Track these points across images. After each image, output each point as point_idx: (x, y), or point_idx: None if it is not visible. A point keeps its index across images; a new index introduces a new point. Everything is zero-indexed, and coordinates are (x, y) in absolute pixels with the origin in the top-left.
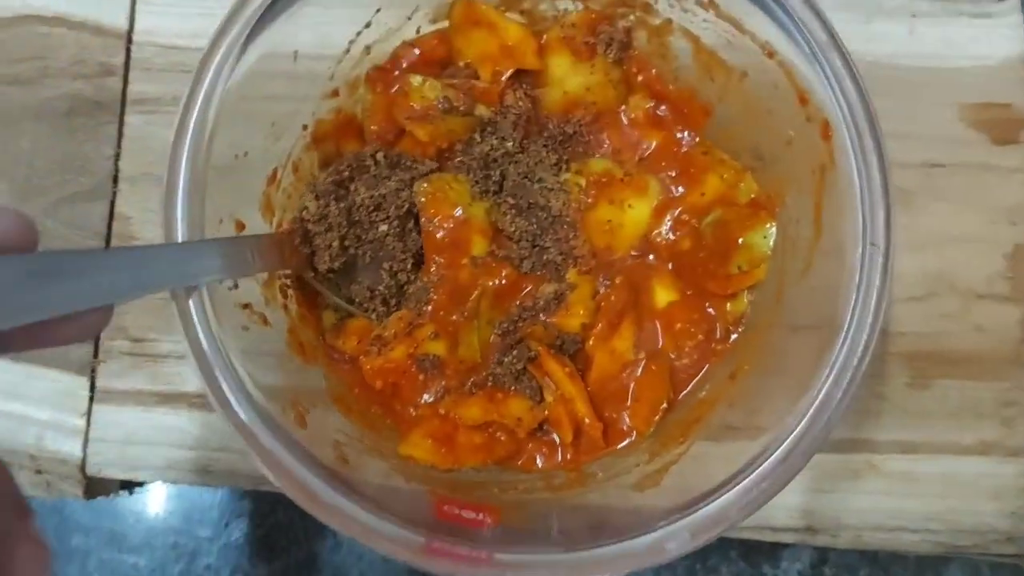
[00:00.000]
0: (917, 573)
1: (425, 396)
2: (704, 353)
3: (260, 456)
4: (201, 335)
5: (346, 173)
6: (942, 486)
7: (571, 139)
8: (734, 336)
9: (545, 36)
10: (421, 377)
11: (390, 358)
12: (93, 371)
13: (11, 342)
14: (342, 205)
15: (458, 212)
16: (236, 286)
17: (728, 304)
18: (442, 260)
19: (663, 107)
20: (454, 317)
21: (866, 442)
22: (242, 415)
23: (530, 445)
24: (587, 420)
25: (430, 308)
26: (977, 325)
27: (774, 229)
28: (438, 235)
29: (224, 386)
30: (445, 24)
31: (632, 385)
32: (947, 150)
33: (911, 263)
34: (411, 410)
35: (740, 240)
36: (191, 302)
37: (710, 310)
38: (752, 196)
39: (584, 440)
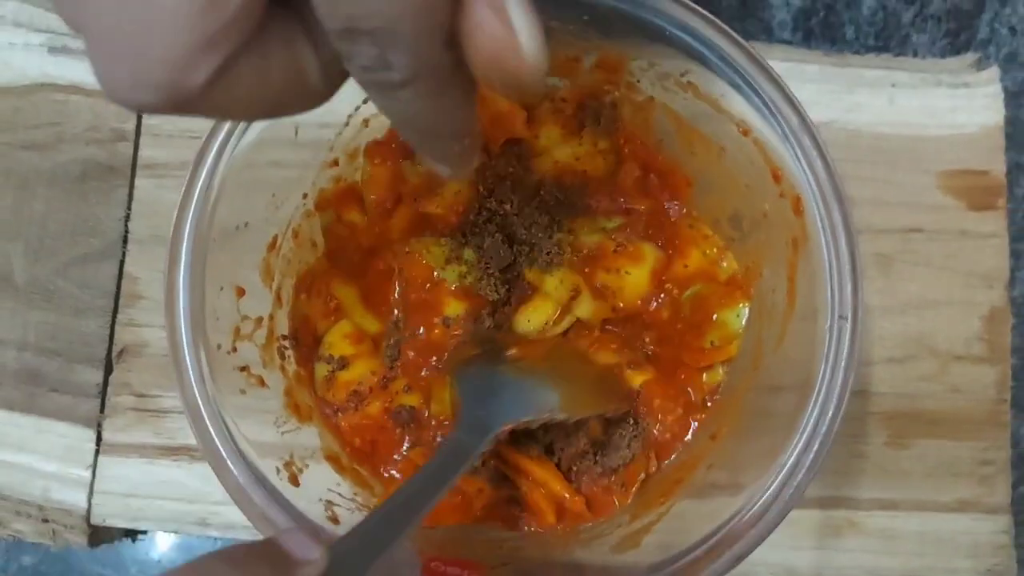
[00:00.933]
0: None
1: (401, 450)
2: (684, 424)
3: (251, 518)
4: (197, 396)
5: None
6: (920, 543)
7: (562, 204)
8: (714, 399)
9: (536, 109)
10: (398, 431)
11: (367, 414)
12: (99, 425)
13: None
14: None
15: (434, 274)
16: (235, 349)
17: (704, 375)
18: (416, 319)
19: (652, 176)
20: (424, 372)
21: (847, 499)
22: (236, 475)
23: (510, 507)
24: (567, 496)
25: (400, 363)
26: (954, 386)
27: (747, 309)
28: (411, 296)
29: (219, 446)
30: None
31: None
32: (926, 216)
33: (891, 326)
34: (389, 470)
35: (715, 316)
36: (188, 363)
37: (687, 386)
38: (731, 274)
39: (568, 514)
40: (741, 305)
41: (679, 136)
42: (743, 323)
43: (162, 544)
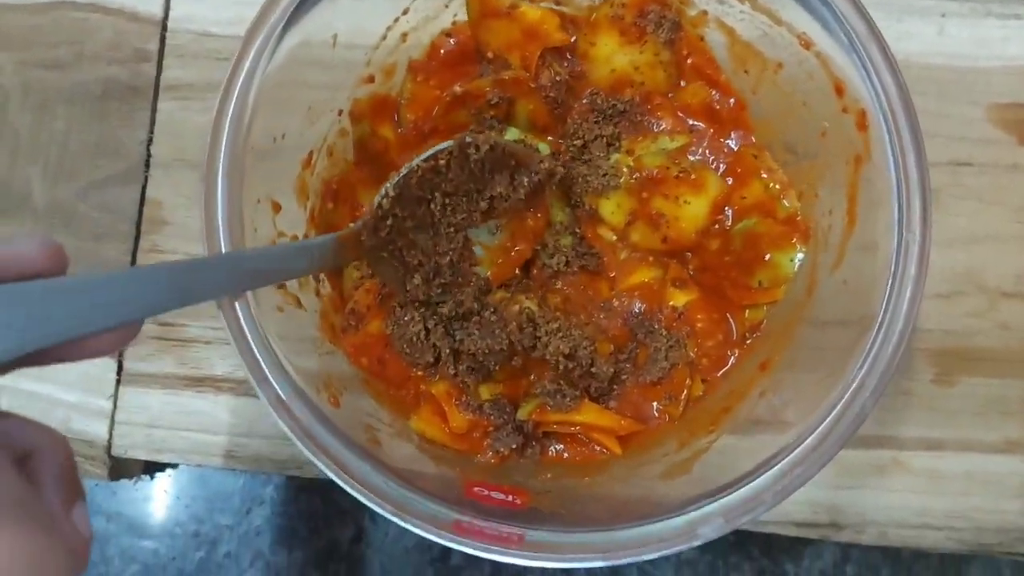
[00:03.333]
0: (939, 573)
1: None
2: (723, 353)
3: (297, 431)
4: (240, 313)
5: (443, 161)
6: (966, 484)
7: (622, 116)
8: (754, 336)
9: (594, 14)
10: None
11: (368, 332)
12: (120, 354)
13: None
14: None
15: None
16: None
17: (746, 311)
18: None
19: (718, 95)
20: None
21: (892, 439)
22: (279, 391)
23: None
24: (616, 424)
25: None
26: (1003, 323)
27: (802, 255)
28: None
29: (262, 363)
30: None
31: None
32: (975, 149)
33: (938, 260)
34: (416, 386)
35: (767, 256)
36: None
37: (729, 315)
38: (791, 213)
39: (629, 439)
40: (797, 249)
41: (732, 54)
42: (795, 268)
43: (181, 482)
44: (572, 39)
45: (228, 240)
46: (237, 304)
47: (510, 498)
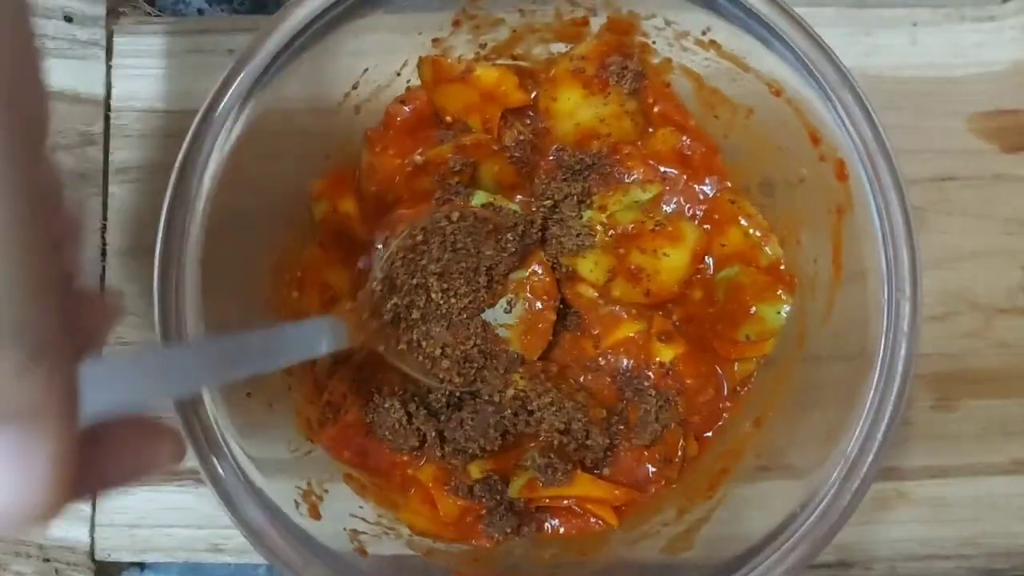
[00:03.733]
0: None
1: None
2: (715, 409)
3: (272, 561)
4: (203, 438)
5: (419, 238)
6: (974, 509)
7: (591, 169)
8: (746, 389)
9: (554, 69)
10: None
11: (346, 423)
12: None
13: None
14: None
15: None
16: None
17: (736, 365)
18: None
19: (688, 141)
20: None
21: (894, 470)
22: (251, 516)
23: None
24: (609, 495)
25: None
26: (1000, 341)
27: (788, 307)
28: None
29: (229, 486)
30: None
31: None
32: (957, 162)
33: (928, 282)
34: (402, 472)
35: (752, 309)
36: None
37: (717, 368)
38: (774, 261)
39: (625, 507)
40: (783, 301)
41: (699, 99)
42: (783, 321)
43: (171, 572)
44: (533, 95)
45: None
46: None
47: None
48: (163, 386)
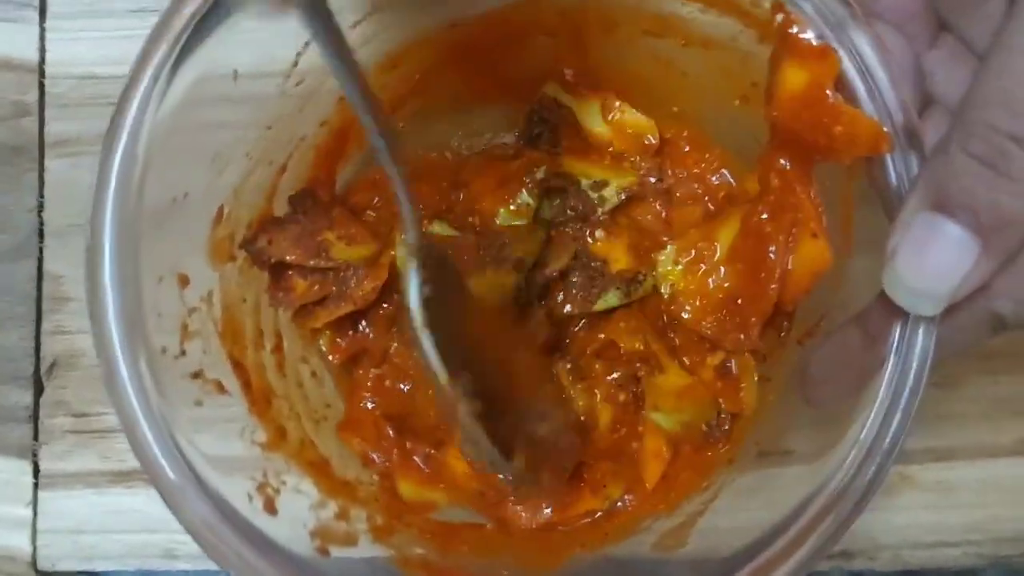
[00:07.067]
0: None
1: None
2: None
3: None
4: (142, 422)
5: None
6: (981, 493)
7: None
8: None
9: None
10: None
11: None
12: (35, 454)
13: None
14: None
15: None
16: (183, 352)
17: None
18: None
19: None
20: None
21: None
22: (197, 514)
23: None
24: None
25: None
26: None
27: None
28: None
29: (174, 481)
30: None
31: None
32: None
33: None
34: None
35: None
36: (124, 378)
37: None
38: None
39: None
40: None
41: None
42: None
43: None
44: None
45: (124, 336)
46: (140, 414)
47: None
48: None
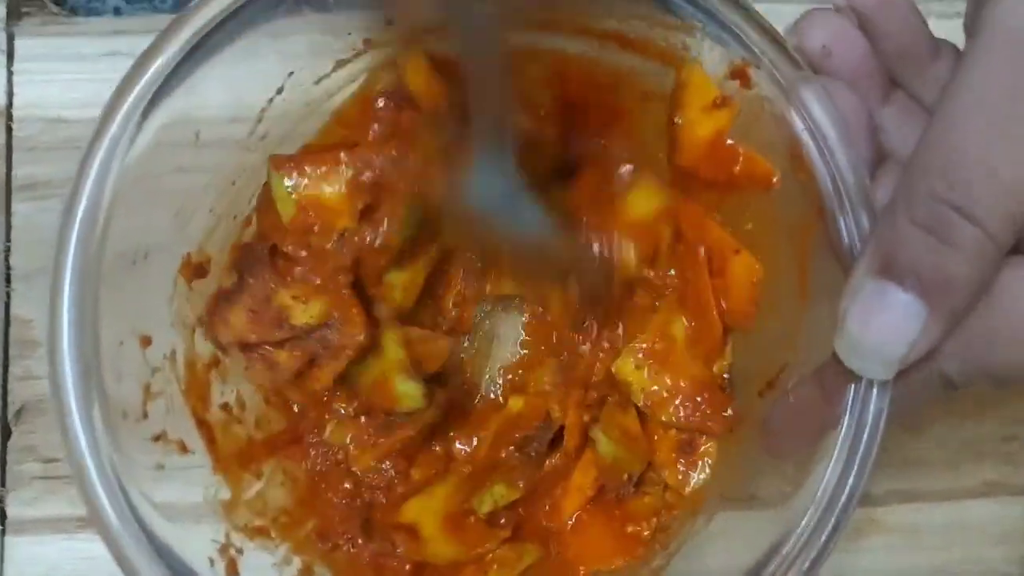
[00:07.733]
0: None
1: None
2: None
3: None
4: (101, 495)
5: None
6: (947, 535)
7: None
8: None
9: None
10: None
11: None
12: (2, 501)
13: None
14: None
15: None
16: (145, 415)
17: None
18: None
19: None
20: None
21: (864, 496)
22: None
23: None
24: None
25: None
26: None
27: None
28: None
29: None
30: None
31: None
32: None
33: None
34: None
35: None
36: (84, 451)
37: None
38: None
39: None
40: None
41: None
42: None
43: None
44: None
45: (81, 401)
46: (99, 487)
47: None
48: None
